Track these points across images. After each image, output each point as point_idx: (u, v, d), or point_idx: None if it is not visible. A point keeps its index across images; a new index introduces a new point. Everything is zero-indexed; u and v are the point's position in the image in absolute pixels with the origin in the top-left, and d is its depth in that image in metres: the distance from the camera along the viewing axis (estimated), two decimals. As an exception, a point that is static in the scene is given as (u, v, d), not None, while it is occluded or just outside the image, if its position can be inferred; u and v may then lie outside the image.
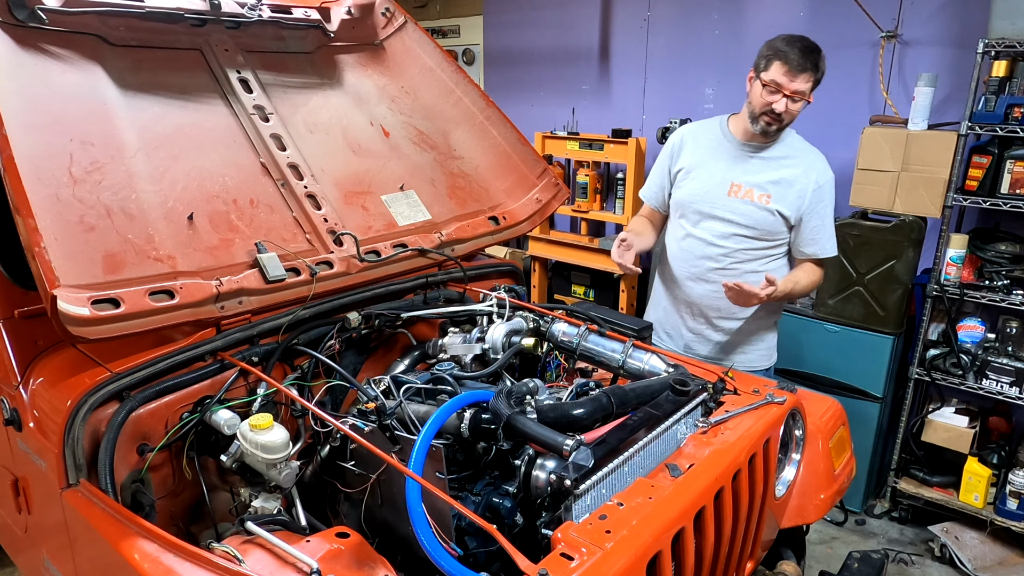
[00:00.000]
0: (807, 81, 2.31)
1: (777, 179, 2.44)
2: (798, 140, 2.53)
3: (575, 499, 1.40)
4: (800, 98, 2.33)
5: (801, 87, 2.31)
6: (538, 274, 4.97)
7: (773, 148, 2.48)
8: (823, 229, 2.49)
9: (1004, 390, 3.11)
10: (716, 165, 2.50)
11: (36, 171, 1.68)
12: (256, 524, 1.45)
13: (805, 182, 2.44)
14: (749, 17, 4.04)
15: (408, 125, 2.62)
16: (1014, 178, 2.99)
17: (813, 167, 2.46)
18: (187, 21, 2.19)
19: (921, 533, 3.43)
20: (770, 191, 2.44)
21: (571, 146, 4.52)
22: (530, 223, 2.70)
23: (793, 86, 2.30)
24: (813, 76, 2.31)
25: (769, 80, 2.32)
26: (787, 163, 2.46)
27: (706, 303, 2.57)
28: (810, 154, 2.50)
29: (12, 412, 1.84)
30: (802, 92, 2.32)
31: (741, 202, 2.45)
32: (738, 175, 2.47)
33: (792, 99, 2.32)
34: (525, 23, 5.08)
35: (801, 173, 2.44)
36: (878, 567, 1.99)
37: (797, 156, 2.48)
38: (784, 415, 1.86)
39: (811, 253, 2.50)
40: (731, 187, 2.47)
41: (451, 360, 2.09)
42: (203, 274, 1.85)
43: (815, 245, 2.49)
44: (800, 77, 2.29)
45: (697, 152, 2.56)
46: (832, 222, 2.52)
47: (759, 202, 2.44)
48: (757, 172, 2.46)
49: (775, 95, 2.32)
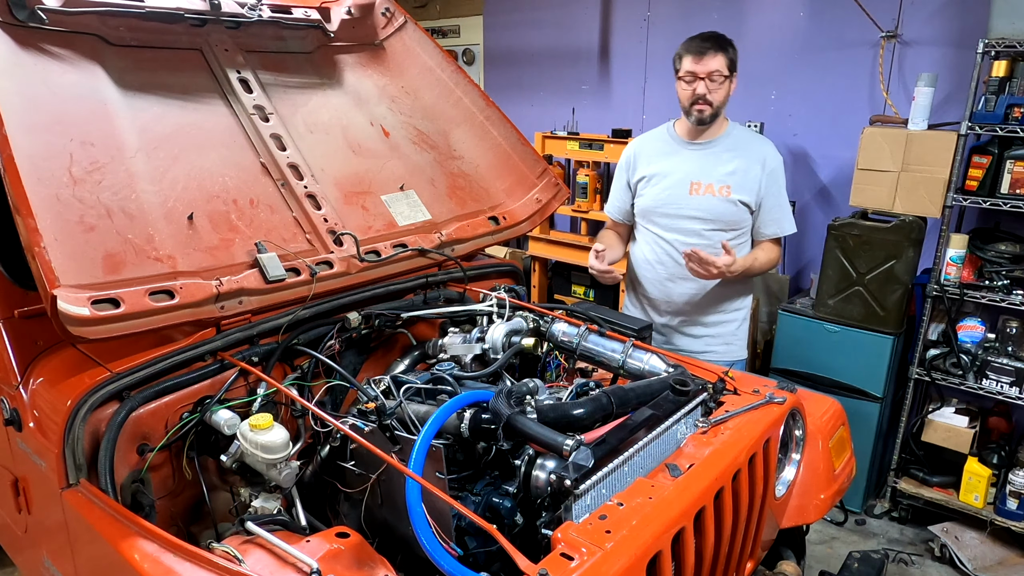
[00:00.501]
0: (714, 58, 2.45)
1: (732, 170, 2.56)
2: (744, 132, 2.67)
3: (575, 499, 1.40)
4: (717, 76, 2.46)
5: (713, 66, 2.45)
6: (538, 274, 4.97)
7: (721, 142, 2.60)
8: (780, 209, 2.63)
9: (1004, 390, 3.11)
10: (673, 168, 2.62)
11: (36, 171, 1.68)
12: (256, 524, 1.45)
13: (757, 169, 2.57)
14: (749, 17, 4.04)
15: (408, 125, 2.62)
16: (1014, 178, 2.99)
17: (761, 153, 2.59)
18: (187, 21, 2.19)
19: (921, 533, 3.43)
20: (728, 182, 2.56)
21: (571, 146, 4.52)
22: (530, 223, 2.71)
23: (703, 67, 2.45)
24: (720, 53, 2.45)
25: (683, 72, 2.51)
26: (737, 154, 2.58)
27: (687, 300, 2.66)
28: (757, 142, 2.65)
29: (12, 412, 1.84)
30: (716, 71, 2.45)
31: (703, 198, 2.57)
32: (695, 173, 2.58)
33: (710, 79, 2.46)
34: (525, 23, 5.08)
35: (752, 161, 2.57)
36: (878, 567, 1.99)
37: (745, 147, 2.60)
38: (784, 415, 1.86)
39: (772, 233, 2.64)
40: (691, 186, 2.58)
41: (451, 360, 2.09)
42: (203, 274, 1.85)
43: (775, 225, 2.64)
44: (706, 57, 2.45)
45: (652, 160, 2.68)
46: (787, 201, 2.67)
47: (721, 195, 2.56)
48: (712, 167, 2.57)
49: (693, 83, 2.48)
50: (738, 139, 2.61)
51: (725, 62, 2.46)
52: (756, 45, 3.99)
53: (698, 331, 2.71)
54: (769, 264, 2.66)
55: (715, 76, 2.46)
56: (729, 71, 2.48)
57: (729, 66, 2.48)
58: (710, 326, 2.69)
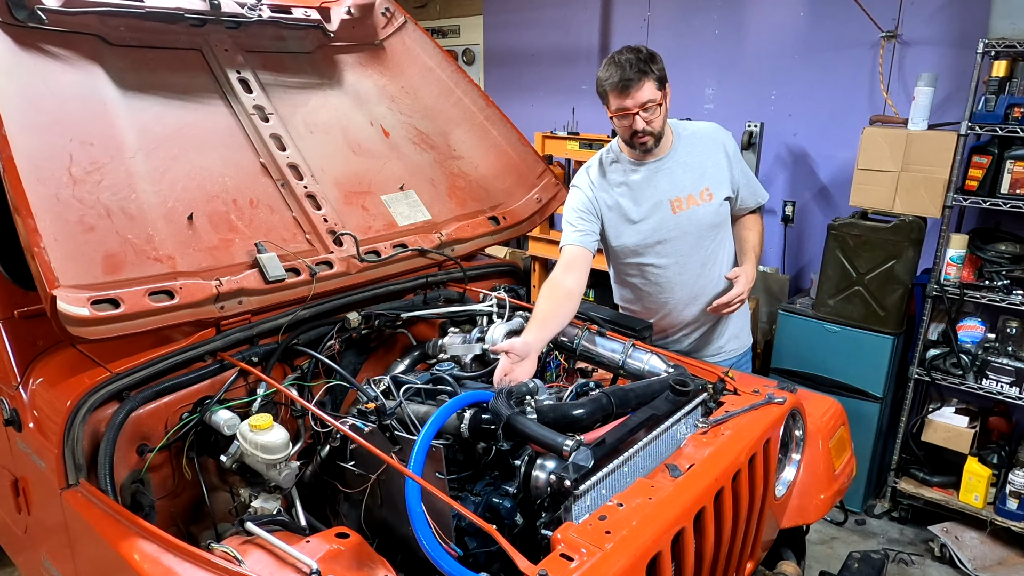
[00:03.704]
0: (640, 89, 2.18)
1: (702, 172, 2.38)
2: (687, 126, 2.47)
3: (575, 499, 1.40)
4: (651, 106, 2.21)
5: (642, 98, 2.19)
6: (538, 274, 4.96)
7: (677, 150, 2.39)
8: (753, 181, 2.52)
9: (1004, 390, 3.11)
10: (644, 195, 2.38)
11: (36, 171, 1.68)
12: (256, 524, 1.45)
13: (723, 159, 2.40)
14: (749, 17, 4.04)
15: (408, 125, 2.62)
16: (1014, 178, 2.99)
17: (717, 139, 2.42)
18: (187, 21, 2.19)
19: (921, 533, 3.43)
20: (706, 185, 2.38)
21: (571, 146, 4.52)
22: (530, 223, 2.70)
23: (633, 102, 2.19)
24: (645, 79, 2.18)
25: (614, 110, 2.25)
26: (698, 153, 2.39)
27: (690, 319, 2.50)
28: (706, 131, 2.45)
29: (12, 412, 1.84)
30: (648, 100, 2.20)
31: (689, 212, 2.38)
32: (670, 191, 2.37)
33: (644, 110, 2.21)
34: (525, 23, 5.08)
35: (715, 152, 2.40)
36: (878, 567, 1.99)
37: (700, 142, 2.42)
38: (784, 415, 1.86)
39: (754, 204, 2.53)
40: (672, 205, 2.37)
41: (451, 360, 2.09)
42: (203, 274, 1.85)
43: (755, 197, 2.52)
44: (631, 91, 2.18)
45: (614, 193, 2.42)
46: (751, 170, 2.55)
47: (704, 201, 2.38)
48: (682, 178, 2.37)
49: (627, 118, 2.23)
50: (689, 139, 2.40)
51: (654, 85, 2.19)
52: (756, 45, 3.99)
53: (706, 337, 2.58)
54: (762, 239, 2.56)
55: (648, 106, 2.20)
56: (660, 91, 2.22)
57: (659, 86, 2.21)
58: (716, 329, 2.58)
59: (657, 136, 2.28)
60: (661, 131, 2.29)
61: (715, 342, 2.59)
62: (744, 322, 2.69)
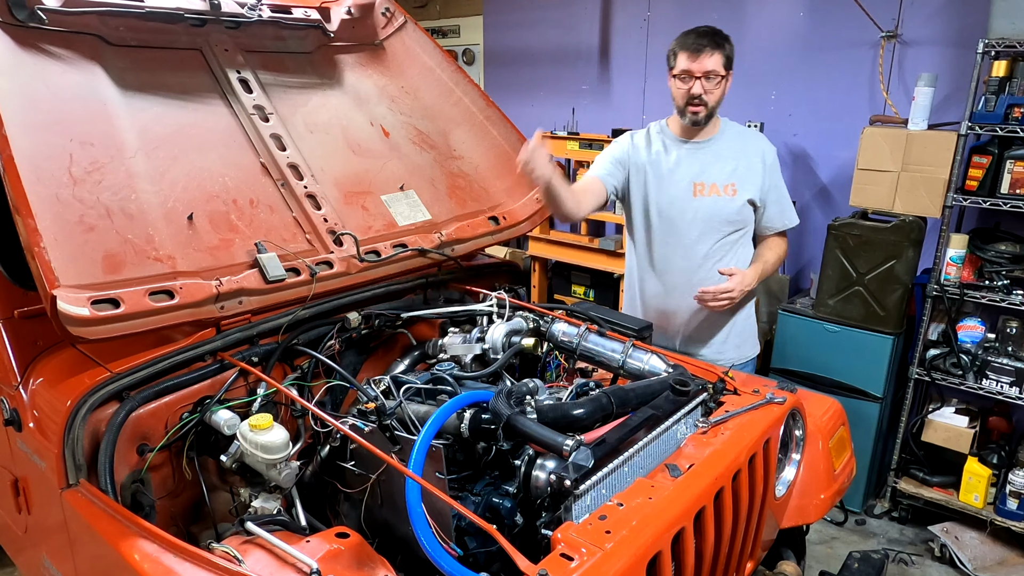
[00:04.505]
0: (711, 57, 2.34)
1: (734, 167, 2.48)
2: (737, 127, 2.59)
3: (575, 499, 1.40)
4: (714, 76, 2.37)
5: (708, 66, 2.35)
6: (538, 274, 4.96)
7: (717, 140, 2.51)
8: (784, 200, 2.58)
9: (1004, 390, 3.11)
10: (672, 168, 2.51)
11: (36, 171, 1.68)
12: (256, 524, 1.45)
13: (758, 163, 2.50)
14: (749, 17, 4.04)
15: (408, 125, 2.62)
16: (1014, 178, 2.99)
17: (758, 147, 2.53)
18: (187, 21, 2.19)
19: (921, 533, 3.43)
20: (733, 180, 2.47)
21: (571, 146, 4.52)
22: (530, 223, 2.70)
23: (700, 66, 2.35)
24: (717, 51, 2.35)
25: (679, 71, 2.39)
26: (737, 151, 2.50)
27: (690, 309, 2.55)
28: (752, 137, 2.58)
29: (12, 412, 1.84)
30: (712, 71, 2.35)
31: (709, 199, 2.47)
32: (697, 174, 2.48)
33: (706, 79, 2.36)
34: (525, 23, 5.08)
35: (752, 156, 2.51)
36: (878, 567, 1.99)
37: (742, 143, 2.53)
38: (784, 415, 1.86)
39: (780, 227, 2.59)
40: (695, 188, 2.48)
41: (451, 360, 2.09)
42: (203, 274, 1.85)
43: (784, 218, 2.58)
44: (702, 56, 2.34)
45: (650, 156, 2.55)
46: (787, 193, 2.60)
47: (727, 195, 2.47)
48: (713, 166, 2.49)
49: (688, 81, 2.38)
50: (734, 136, 2.53)
51: (722, 60, 2.35)
52: (756, 45, 3.98)
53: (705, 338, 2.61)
54: (779, 261, 2.61)
55: (711, 76, 2.35)
56: (726, 70, 2.38)
57: (726, 64, 2.37)
58: (717, 331, 2.61)
59: (709, 111, 2.41)
60: (714, 108, 2.43)
61: (713, 345, 2.59)
62: (748, 332, 2.69)
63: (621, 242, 4.43)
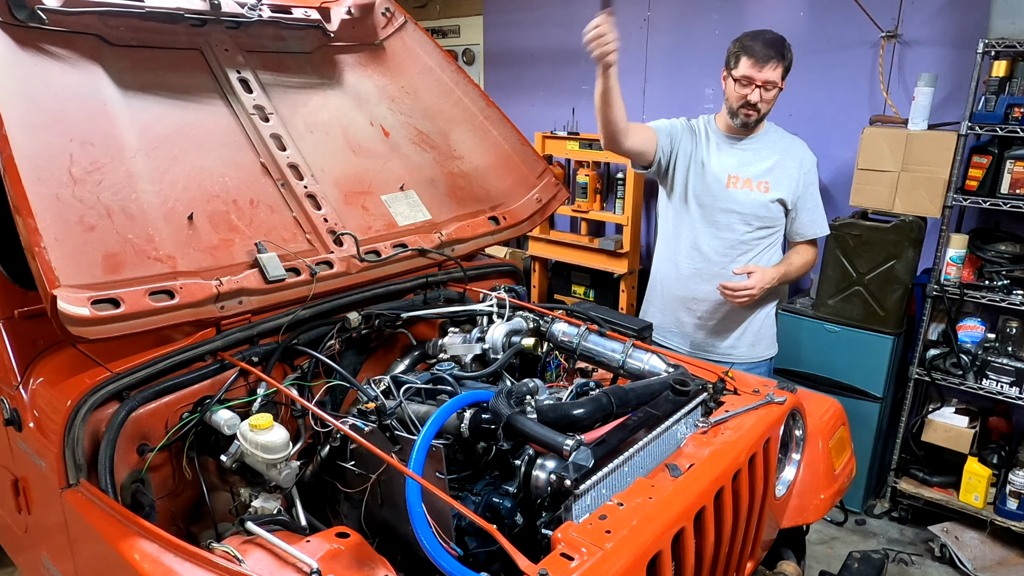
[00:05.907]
0: (775, 69, 2.42)
1: (770, 167, 2.56)
2: (779, 130, 2.66)
3: (575, 499, 1.40)
4: (772, 87, 2.44)
5: (770, 76, 2.43)
6: (538, 274, 4.97)
7: (759, 139, 2.59)
8: (817, 209, 2.64)
9: (1004, 390, 3.11)
10: (711, 159, 2.59)
11: (36, 171, 1.68)
12: (256, 524, 1.45)
13: (795, 167, 2.57)
14: (749, 17, 4.03)
15: (408, 125, 2.62)
16: (1014, 178, 2.99)
17: (798, 152, 2.61)
18: (187, 21, 2.19)
19: (921, 533, 3.43)
20: (767, 179, 2.55)
21: (571, 146, 4.52)
22: (530, 223, 2.70)
23: (762, 76, 2.42)
24: (780, 64, 2.43)
25: (740, 75, 2.45)
26: (776, 152, 2.58)
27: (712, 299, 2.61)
28: (794, 141, 2.65)
29: (12, 412, 1.84)
30: (772, 81, 2.43)
31: (741, 192, 2.55)
32: (733, 167, 2.57)
33: (765, 88, 2.43)
34: (525, 23, 5.08)
35: (789, 159, 2.58)
36: (878, 567, 1.99)
37: (783, 145, 2.61)
38: (784, 415, 1.86)
39: (811, 234, 2.64)
40: (729, 179, 2.56)
41: (451, 360, 2.09)
42: (203, 274, 1.85)
43: (815, 226, 2.64)
44: (767, 67, 2.41)
45: (695, 147, 2.63)
46: (821, 202, 2.66)
47: (759, 191, 2.55)
48: (750, 163, 2.56)
49: (747, 88, 2.44)
50: (776, 137, 2.62)
51: (782, 72, 2.44)
52: (756, 45, 3.97)
53: (722, 331, 2.67)
54: (805, 267, 2.65)
55: (770, 85, 2.44)
56: (783, 79, 2.46)
57: (784, 74, 2.46)
58: (735, 326, 2.66)
59: (760, 117, 2.51)
60: (765, 113, 2.51)
61: (728, 339, 2.62)
62: (765, 332, 2.73)
63: (621, 242, 4.43)
